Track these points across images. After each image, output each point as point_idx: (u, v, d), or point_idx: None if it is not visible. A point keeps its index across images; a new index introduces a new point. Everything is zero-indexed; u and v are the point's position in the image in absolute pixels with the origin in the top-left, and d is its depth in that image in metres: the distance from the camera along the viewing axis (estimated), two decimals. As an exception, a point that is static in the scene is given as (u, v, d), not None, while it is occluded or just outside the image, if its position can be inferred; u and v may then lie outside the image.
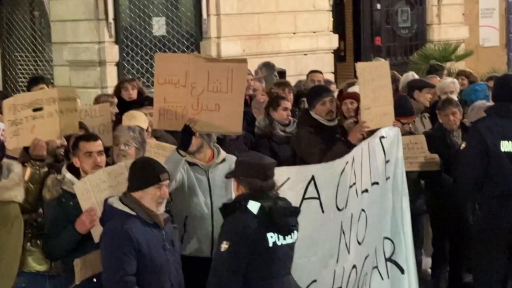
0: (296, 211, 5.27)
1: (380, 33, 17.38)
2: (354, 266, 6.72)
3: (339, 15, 16.96)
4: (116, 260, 5.15)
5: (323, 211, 6.30)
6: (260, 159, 5.37)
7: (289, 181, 6.03)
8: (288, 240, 5.16)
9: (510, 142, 6.82)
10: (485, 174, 6.85)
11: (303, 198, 6.15)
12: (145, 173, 5.40)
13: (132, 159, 6.27)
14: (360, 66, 7.27)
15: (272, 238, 5.08)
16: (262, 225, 5.06)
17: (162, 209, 5.48)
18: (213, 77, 6.31)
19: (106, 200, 5.46)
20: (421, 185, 8.06)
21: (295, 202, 5.97)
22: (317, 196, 6.24)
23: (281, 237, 5.13)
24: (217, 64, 6.48)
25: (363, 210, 6.80)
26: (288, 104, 8.39)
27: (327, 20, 16.08)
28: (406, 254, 7.20)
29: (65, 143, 6.50)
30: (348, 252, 6.64)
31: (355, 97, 8.40)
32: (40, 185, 5.98)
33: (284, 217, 5.12)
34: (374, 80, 7.16)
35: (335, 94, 9.38)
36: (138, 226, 5.25)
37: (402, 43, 17.63)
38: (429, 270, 8.37)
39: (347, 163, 6.54)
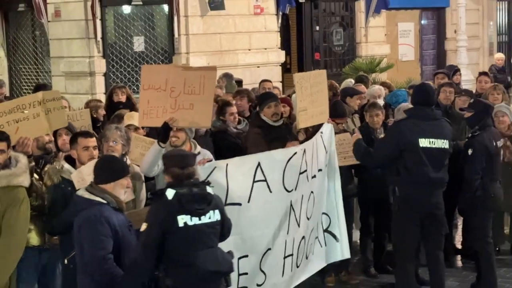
0: (205, 197, 5.09)
1: (319, 49, 17.39)
2: (303, 237, 6.79)
3: (285, 35, 16.97)
4: (98, 241, 5.07)
5: (270, 191, 6.33)
6: (179, 153, 5.29)
7: (241, 167, 6.15)
8: (204, 220, 5.03)
9: (426, 139, 6.84)
10: (391, 160, 6.90)
11: (254, 181, 6.20)
12: (116, 167, 5.35)
13: (119, 153, 6.30)
14: (297, 76, 7.33)
15: (183, 219, 4.96)
16: (173, 208, 4.96)
17: (125, 196, 5.47)
18: (189, 82, 6.34)
19: (75, 192, 5.38)
20: (351, 172, 8.11)
21: (246, 185, 6.12)
22: (264, 178, 6.27)
23: (194, 218, 5.00)
24: (192, 72, 6.53)
25: (312, 192, 6.88)
26: (234, 110, 8.29)
27: (276, 39, 16.12)
28: (339, 226, 7.30)
29: (52, 138, 6.48)
30: (298, 225, 6.68)
31: (286, 101, 8.50)
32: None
33: (191, 202, 4.99)
34: (313, 86, 7.24)
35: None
36: (110, 211, 5.19)
37: (337, 58, 17.67)
38: (358, 241, 8.43)
39: (295, 153, 6.57)
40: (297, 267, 6.80)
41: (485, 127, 7.50)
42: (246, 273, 6.25)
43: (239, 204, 6.10)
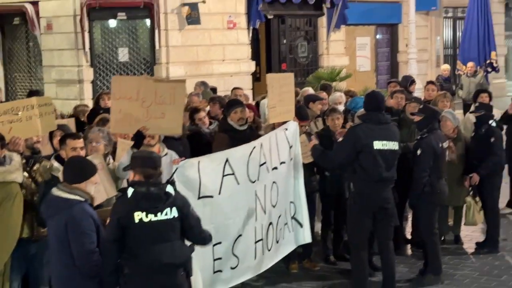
0: (161, 196, 4.97)
1: (285, 60, 17.40)
2: (270, 223, 6.86)
3: (255, 47, 16.97)
4: (86, 236, 4.97)
5: (238, 183, 6.39)
6: (148, 154, 5.18)
7: (211, 164, 6.18)
8: (161, 217, 4.93)
9: (379, 141, 6.84)
10: (348, 161, 6.91)
11: (223, 175, 6.24)
12: (87, 167, 5.24)
13: (101, 153, 6.25)
14: (269, 76, 7.47)
15: (138, 216, 4.86)
16: (130, 205, 4.88)
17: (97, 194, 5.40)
18: (159, 93, 6.26)
19: (51, 193, 5.21)
20: (314, 170, 8.12)
21: (216, 179, 6.18)
22: (232, 172, 6.32)
23: (150, 215, 4.88)
24: (163, 84, 6.44)
25: (274, 182, 6.93)
26: (202, 115, 8.27)
27: (247, 50, 16.12)
28: (302, 213, 7.39)
29: (40, 139, 6.39)
30: (265, 213, 6.74)
31: (252, 107, 8.51)
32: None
33: (146, 200, 4.90)
34: (282, 87, 7.34)
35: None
36: (89, 208, 5.12)
37: (301, 68, 17.70)
38: (320, 232, 8.44)
39: (254, 147, 6.65)
40: (269, 250, 6.86)
41: (432, 130, 7.53)
42: (220, 258, 6.30)
43: (211, 197, 6.14)
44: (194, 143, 7.69)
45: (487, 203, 8.59)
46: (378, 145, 6.83)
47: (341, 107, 9.39)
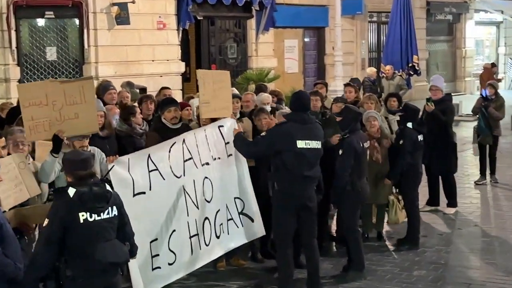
0: (104, 195, 4.89)
1: (215, 61, 17.37)
2: (206, 218, 6.86)
3: (185, 48, 16.89)
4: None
5: (164, 178, 6.38)
6: (79, 155, 5.08)
7: (138, 160, 6.16)
8: (104, 216, 4.85)
9: (303, 141, 6.83)
10: (265, 156, 6.96)
11: (149, 171, 6.23)
12: None
13: (25, 153, 6.08)
14: (199, 72, 7.48)
15: (83, 216, 4.77)
16: (74, 206, 4.77)
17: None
18: (69, 94, 6.05)
19: None
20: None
21: (145, 175, 6.17)
22: (156, 168, 6.31)
23: (94, 215, 4.81)
24: (70, 84, 6.19)
25: (206, 177, 6.91)
26: (139, 117, 8.17)
27: (177, 51, 16.02)
28: (252, 208, 7.43)
29: None
30: (197, 207, 6.72)
31: (182, 105, 8.43)
32: None
33: (91, 200, 4.81)
34: (215, 83, 7.30)
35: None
36: None
37: (230, 69, 17.60)
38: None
39: (174, 143, 6.63)
40: (207, 245, 6.84)
41: (353, 130, 7.59)
42: (158, 255, 6.28)
43: (144, 193, 6.15)
44: (124, 146, 7.56)
45: (407, 201, 8.76)
46: (301, 144, 6.83)
47: (268, 108, 9.41)
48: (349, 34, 21.25)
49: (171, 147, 6.58)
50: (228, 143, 7.27)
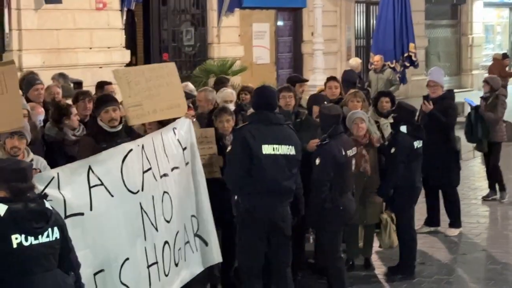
0: (44, 213, 4.84)
1: (167, 50, 17.37)
2: (166, 242, 6.78)
3: (131, 33, 16.84)
4: None
5: (112, 195, 6.24)
6: (16, 163, 5.01)
7: (73, 174, 5.99)
8: (42, 239, 4.79)
9: (270, 145, 6.86)
10: (248, 173, 6.89)
11: (90, 187, 6.07)
12: None
13: None
14: (117, 72, 7.38)
15: (17, 239, 4.70)
16: (6, 227, 4.69)
17: None
18: None
19: None
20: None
21: (83, 193, 5.99)
22: (100, 182, 6.16)
23: (30, 237, 4.73)
24: None
25: (165, 192, 6.85)
26: (75, 119, 8.14)
27: (120, 37, 15.96)
28: (207, 228, 7.39)
29: None
30: (156, 230, 6.65)
31: None
32: None
33: (26, 220, 4.74)
34: (151, 80, 7.24)
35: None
36: None
37: (187, 59, 17.71)
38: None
39: (131, 150, 6.52)
40: (166, 275, 6.78)
41: (334, 135, 7.64)
42: None
43: (82, 214, 5.96)
44: (53, 154, 7.53)
45: (400, 221, 8.84)
46: (268, 149, 6.87)
47: (232, 106, 9.44)
48: (331, 17, 21.38)
49: (126, 155, 6.48)
50: (185, 148, 7.28)
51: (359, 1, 23.10)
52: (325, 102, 8.83)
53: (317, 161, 7.52)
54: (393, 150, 8.68)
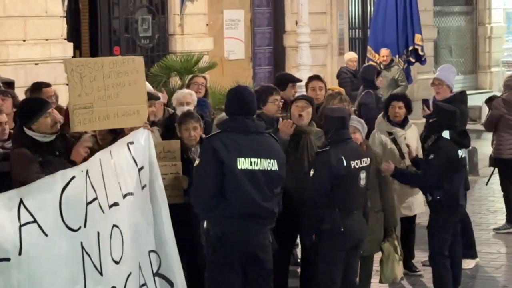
0: None
1: (119, 42, 17.37)
2: None
3: (74, 22, 16.83)
4: None
5: (46, 235, 6.18)
6: None
7: (0, 209, 5.90)
8: None
9: (247, 159, 6.92)
10: (220, 192, 6.94)
11: (20, 225, 6.00)
12: None
13: None
14: (69, 62, 7.37)
15: None
16: None
17: None
18: None
19: None
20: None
21: (14, 232, 5.91)
22: (33, 219, 6.09)
23: None
24: None
25: (115, 225, 6.83)
26: (5, 118, 8.05)
27: (61, 27, 15.93)
28: (172, 265, 7.38)
29: None
30: (101, 274, 6.61)
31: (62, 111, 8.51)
32: None
33: None
34: (109, 78, 7.21)
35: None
36: None
37: (143, 54, 17.62)
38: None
39: (73, 178, 6.45)
40: None
41: (335, 141, 7.74)
42: None
43: (8, 260, 5.93)
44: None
45: (431, 246, 8.96)
46: (244, 163, 6.92)
47: (191, 109, 9.43)
48: (320, 2, 21.48)
49: (66, 184, 6.39)
50: (142, 168, 7.25)
51: (354, -17, 23.24)
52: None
53: (311, 172, 7.60)
54: (431, 156, 8.76)
